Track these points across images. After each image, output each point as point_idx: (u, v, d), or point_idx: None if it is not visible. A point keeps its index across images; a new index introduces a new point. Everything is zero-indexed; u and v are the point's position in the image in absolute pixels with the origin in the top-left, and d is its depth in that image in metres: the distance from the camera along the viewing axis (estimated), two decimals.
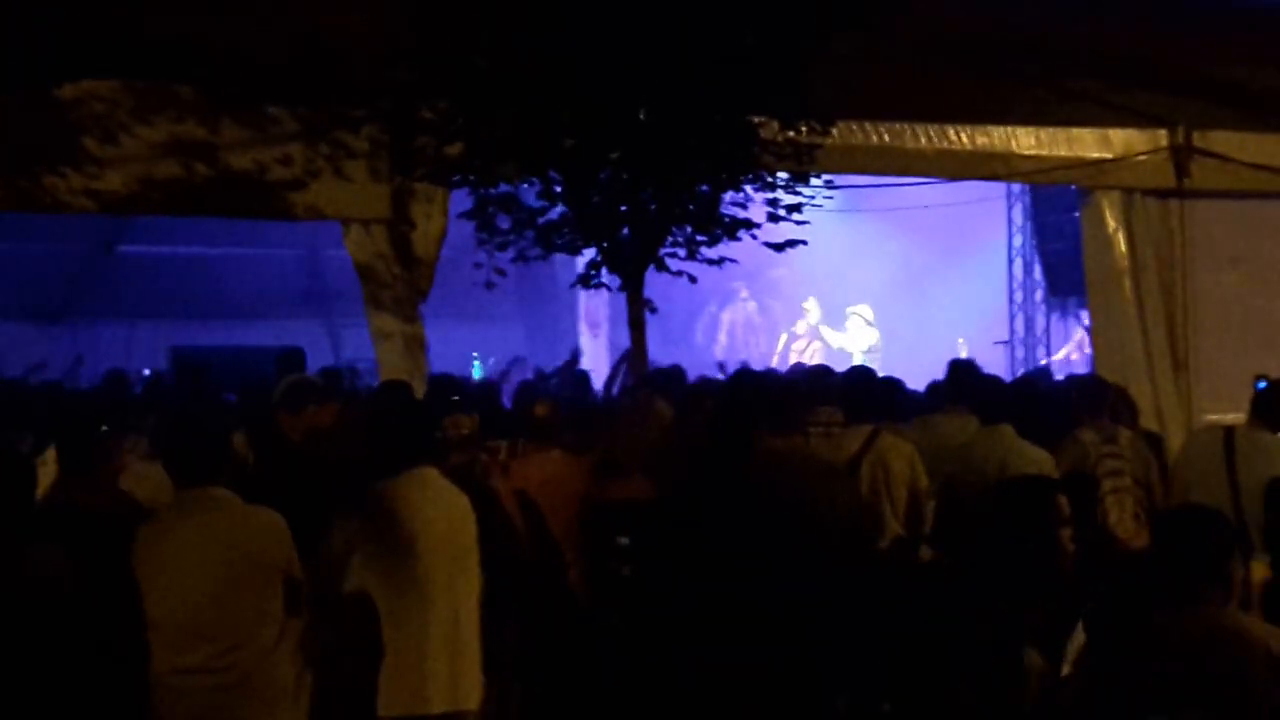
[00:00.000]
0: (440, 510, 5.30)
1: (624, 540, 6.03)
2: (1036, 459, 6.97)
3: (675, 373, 9.67)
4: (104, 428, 5.96)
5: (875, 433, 6.70)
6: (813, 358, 17.87)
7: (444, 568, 5.23)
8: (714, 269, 8.89)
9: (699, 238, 8.73)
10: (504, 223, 8.60)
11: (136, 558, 4.83)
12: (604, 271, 8.80)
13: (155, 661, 4.78)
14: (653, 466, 6.42)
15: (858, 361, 17.34)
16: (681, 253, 8.75)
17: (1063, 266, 14.67)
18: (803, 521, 5.56)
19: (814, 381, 8.09)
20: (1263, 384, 7.45)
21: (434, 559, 5.19)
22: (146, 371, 14.01)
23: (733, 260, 8.99)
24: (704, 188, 8.59)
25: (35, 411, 8.12)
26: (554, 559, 6.34)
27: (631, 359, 9.16)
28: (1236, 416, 7.75)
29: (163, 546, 4.85)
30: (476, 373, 15.52)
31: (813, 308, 19.46)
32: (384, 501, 5.22)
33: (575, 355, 14.29)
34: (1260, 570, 6.29)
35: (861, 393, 7.16)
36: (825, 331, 19.20)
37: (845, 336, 18.82)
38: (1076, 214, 11.52)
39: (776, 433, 6.07)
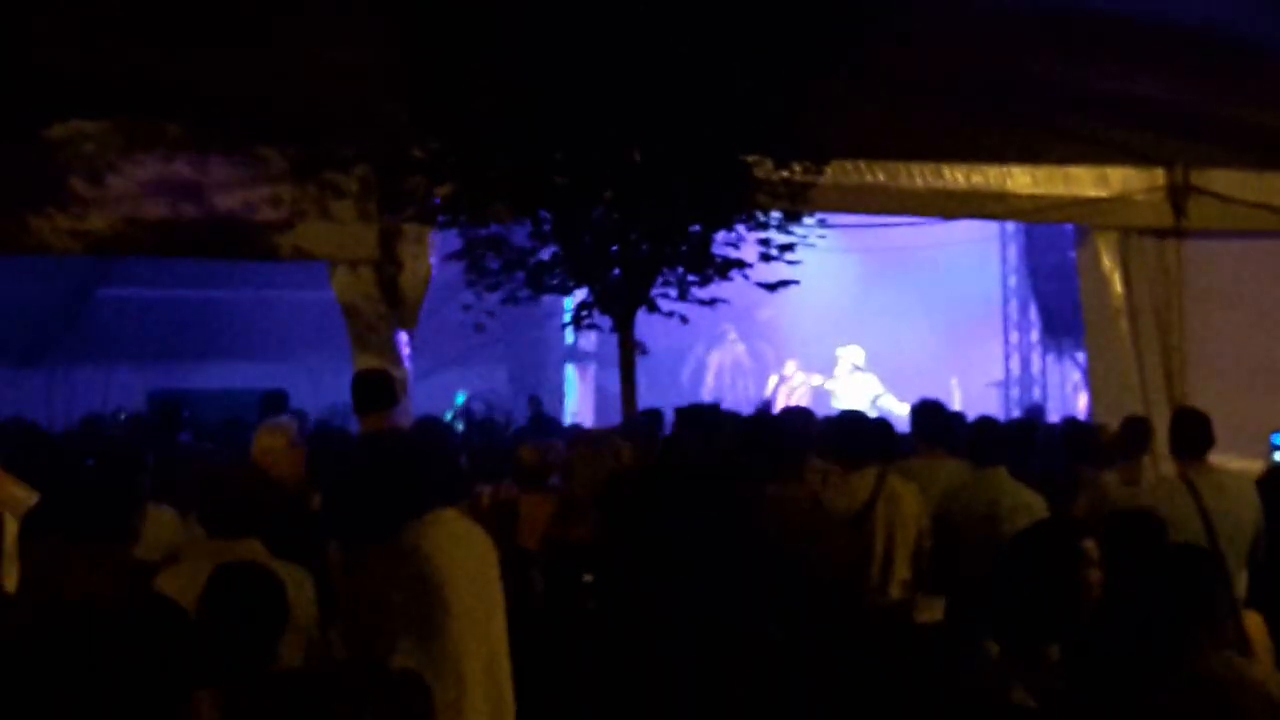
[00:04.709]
0: (466, 550, 5.12)
1: (588, 578, 5.85)
2: (1028, 501, 6.84)
3: (651, 418, 9.38)
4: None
5: (882, 476, 6.57)
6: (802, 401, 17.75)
7: (477, 608, 5.04)
8: (701, 310, 8.75)
9: (690, 278, 8.59)
10: (494, 263, 8.45)
11: None
12: (595, 312, 8.66)
13: None
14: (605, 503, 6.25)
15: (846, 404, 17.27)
16: (673, 293, 8.61)
17: (1058, 307, 14.57)
18: (801, 573, 5.48)
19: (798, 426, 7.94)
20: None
21: (466, 600, 4.98)
22: (122, 416, 13.83)
23: (725, 300, 8.86)
24: (696, 227, 8.45)
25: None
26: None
27: (621, 400, 8.99)
28: (1230, 458, 7.68)
29: (182, 598, 4.61)
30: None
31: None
32: (411, 545, 4.99)
33: (536, 405, 14.19)
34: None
35: (858, 436, 7.00)
36: (817, 379, 19.08)
37: (843, 383, 18.68)
38: (1072, 254, 11.43)
39: (776, 478, 6.04)
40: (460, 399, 16.11)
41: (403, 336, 9.41)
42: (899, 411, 15.30)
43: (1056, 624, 4.05)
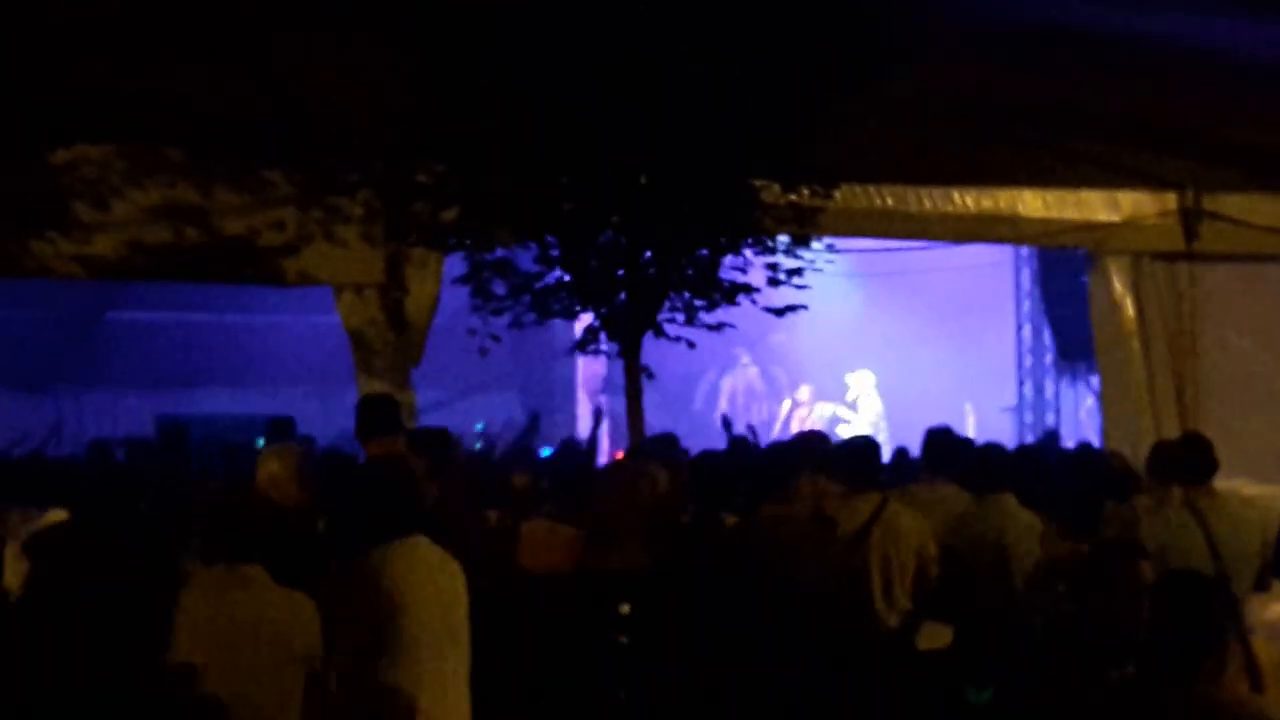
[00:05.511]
0: (429, 577, 5.07)
1: (625, 609, 5.80)
2: (1036, 527, 6.79)
3: (668, 441, 9.37)
4: None
5: (884, 500, 6.57)
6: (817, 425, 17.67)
7: (434, 636, 4.99)
8: (713, 334, 8.70)
9: (697, 303, 8.54)
10: (499, 288, 8.42)
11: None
12: (602, 337, 8.61)
13: None
14: (645, 533, 6.20)
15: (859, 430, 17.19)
16: (680, 318, 8.56)
17: (1073, 331, 14.47)
18: (790, 593, 5.52)
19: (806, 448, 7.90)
20: None
21: (423, 628, 4.94)
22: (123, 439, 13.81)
23: (731, 325, 8.81)
24: (703, 252, 8.41)
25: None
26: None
27: (629, 426, 8.92)
28: (1243, 482, 7.62)
29: (180, 625, 4.60)
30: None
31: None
32: (370, 570, 4.98)
33: (534, 421, 14.09)
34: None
35: (864, 460, 6.97)
36: (826, 406, 19.02)
37: (855, 409, 18.62)
38: (1085, 278, 11.35)
39: (772, 500, 6.10)
40: (480, 428, 16.04)
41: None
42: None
43: (1128, 647, 4.06)
